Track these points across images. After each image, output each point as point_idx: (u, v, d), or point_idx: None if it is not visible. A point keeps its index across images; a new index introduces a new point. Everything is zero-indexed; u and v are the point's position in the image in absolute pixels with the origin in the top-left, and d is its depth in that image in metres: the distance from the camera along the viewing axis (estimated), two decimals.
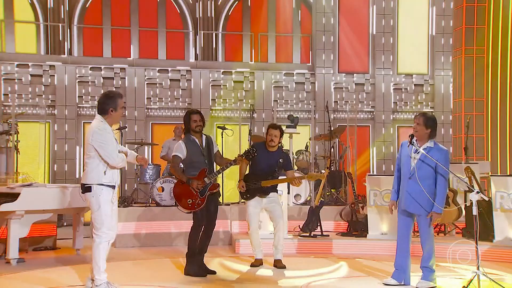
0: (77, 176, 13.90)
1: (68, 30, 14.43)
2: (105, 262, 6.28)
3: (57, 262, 8.75)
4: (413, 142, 6.75)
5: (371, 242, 9.62)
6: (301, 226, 10.17)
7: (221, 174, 7.61)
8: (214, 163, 7.70)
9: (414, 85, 15.70)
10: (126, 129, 13.48)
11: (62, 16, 14.39)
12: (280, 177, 8.14)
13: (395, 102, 15.62)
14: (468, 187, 7.28)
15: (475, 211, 6.33)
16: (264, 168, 7.99)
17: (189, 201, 7.34)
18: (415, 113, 15.18)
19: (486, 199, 7.88)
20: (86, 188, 6.21)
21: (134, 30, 14.80)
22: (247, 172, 8.14)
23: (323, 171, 10.98)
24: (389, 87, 15.57)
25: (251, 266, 8.19)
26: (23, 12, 14.34)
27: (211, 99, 14.79)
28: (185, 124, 7.57)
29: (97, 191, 6.17)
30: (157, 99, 14.57)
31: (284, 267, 8.08)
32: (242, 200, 11.27)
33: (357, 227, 10.19)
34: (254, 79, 14.99)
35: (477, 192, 6.36)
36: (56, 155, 14.05)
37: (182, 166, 7.58)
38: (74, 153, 14.12)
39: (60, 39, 14.39)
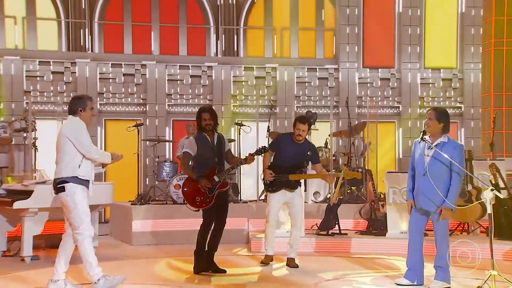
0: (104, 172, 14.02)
1: (89, 26, 14.42)
2: (95, 257, 6.23)
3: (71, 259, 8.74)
4: (424, 139, 6.65)
5: (390, 241, 9.39)
6: (318, 225, 9.98)
7: (232, 172, 7.51)
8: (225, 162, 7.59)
9: (442, 79, 15.23)
10: (143, 125, 13.41)
11: (83, 12, 14.38)
12: (310, 173, 8.04)
13: (422, 97, 15.19)
14: (493, 184, 7.04)
15: (489, 209, 6.18)
16: (290, 160, 7.84)
17: (197, 199, 7.26)
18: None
19: (501, 196, 7.58)
20: (59, 188, 6.13)
21: (155, 26, 14.71)
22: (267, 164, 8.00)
23: (360, 169, 10.78)
24: (416, 81, 15.14)
25: (261, 263, 8.06)
26: (44, 9, 14.36)
27: (233, 95, 14.64)
28: (197, 122, 7.51)
29: (71, 190, 6.09)
30: (178, 95, 14.47)
31: (296, 266, 7.96)
32: (261, 198, 11.11)
33: (376, 226, 9.96)
34: (276, 75, 14.77)
35: (491, 190, 6.18)
36: None
37: (192, 163, 7.48)
38: None
39: (81, 36, 14.38)
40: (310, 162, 8.04)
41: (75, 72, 14.03)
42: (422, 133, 6.70)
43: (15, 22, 14.09)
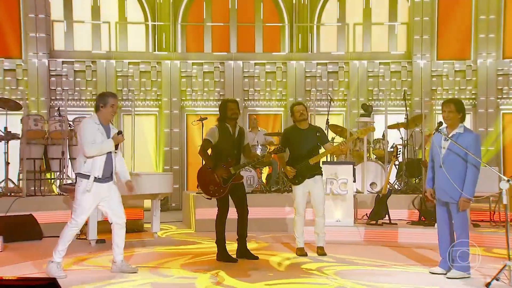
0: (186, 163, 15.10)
1: (173, 28, 15.35)
2: (65, 246, 6.64)
3: (132, 244, 9.42)
4: (440, 130, 6.70)
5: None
6: (368, 214, 10.19)
7: (245, 167, 7.83)
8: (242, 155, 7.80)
9: None
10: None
11: (168, 16, 15.32)
12: (324, 151, 8.08)
13: (499, 88, 14.73)
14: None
15: (505, 200, 6.17)
16: (304, 147, 8.00)
17: (211, 187, 7.51)
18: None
19: None
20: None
21: (233, 25, 15.37)
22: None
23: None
24: (493, 73, 14.69)
25: (300, 255, 8.20)
26: (134, 14, 15.49)
27: (306, 90, 15.02)
28: (221, 112, 7.74)
29: (78, 182, 6.64)
30: (254, 90, 15.08)
31: (325, 254, 8.14)
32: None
33: (427, 216, 10.01)
34: (349, 69, 14.98)
35: (508, 181, 6.18)
36: (164, 143, 15.11)
37: (210, 151, 7.71)
38: (179, 141, 15.12)
39: (166, 37, 15.34)
40: (320, 143, 8.10)
41: (161, 71, 15.03)
42: (437, 124, 6.76)
43: (109, 27, 15.30)
